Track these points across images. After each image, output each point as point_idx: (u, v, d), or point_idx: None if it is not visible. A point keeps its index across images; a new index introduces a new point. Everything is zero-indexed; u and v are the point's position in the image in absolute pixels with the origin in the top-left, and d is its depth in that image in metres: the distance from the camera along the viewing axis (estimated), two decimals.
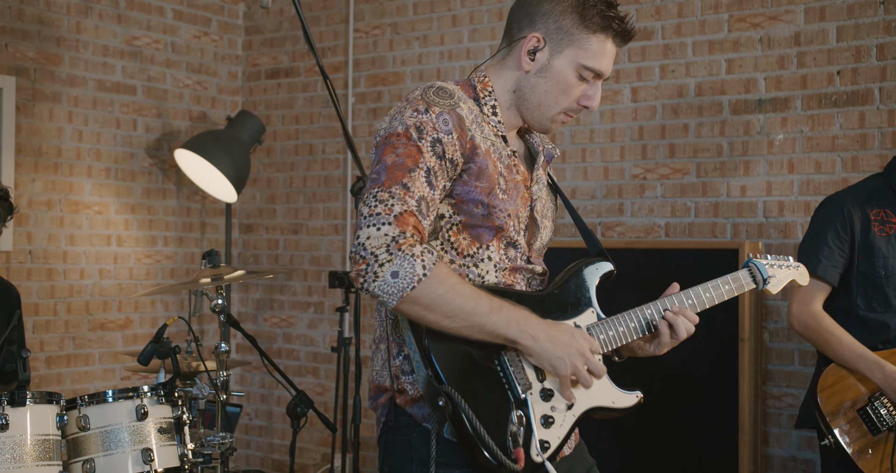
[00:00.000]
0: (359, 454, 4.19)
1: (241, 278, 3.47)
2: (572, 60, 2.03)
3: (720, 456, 3.65)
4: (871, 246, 2.85)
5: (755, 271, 2.26)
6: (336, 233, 5.09)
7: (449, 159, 1.92)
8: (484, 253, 2.00)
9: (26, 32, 4.48)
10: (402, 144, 1.89)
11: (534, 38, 2.03)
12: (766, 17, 3.90)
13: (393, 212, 1.83)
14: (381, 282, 1.79)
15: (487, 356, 1.91)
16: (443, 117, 1.92)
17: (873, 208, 2.88)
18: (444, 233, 1.97)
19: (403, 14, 4.87)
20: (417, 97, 1.95)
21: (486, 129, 2.01)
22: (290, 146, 5.27)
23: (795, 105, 3.84)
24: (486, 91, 2.07)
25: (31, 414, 2.67)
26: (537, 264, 2.10)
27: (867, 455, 2.75)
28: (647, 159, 4.16)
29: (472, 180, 1.95)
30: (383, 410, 2.02)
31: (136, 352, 3.13)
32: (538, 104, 2.07)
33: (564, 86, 2.04)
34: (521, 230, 2.05)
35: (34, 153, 4.50)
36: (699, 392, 3.70)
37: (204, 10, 5.24)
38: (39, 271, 4.53)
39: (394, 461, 1.99)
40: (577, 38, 2.02)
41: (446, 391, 1.81)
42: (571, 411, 1.97)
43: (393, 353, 1.99)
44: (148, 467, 2.78)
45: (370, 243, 1.80)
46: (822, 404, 2.79)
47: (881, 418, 2.76)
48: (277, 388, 5.20)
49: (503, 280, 2.02)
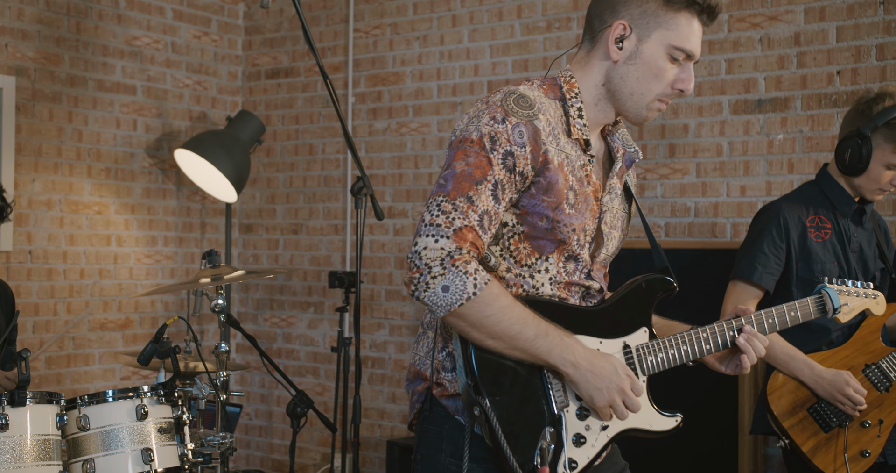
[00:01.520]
0: (359, 454, 4.18)
1: (241, 278, 3.47)
2: (662, 42, 1.97)
3: (720, 456, 3.65)
4: (809, 252, 2.91)
5: (826, 299, 2.25)
6: (336, 233, 5.09)
7: (519, 173, 1.90)
8: (542, 265, 1.98)
9: (26, 32, 4.48)
10: (475, 152, 1.88)
11: (620, 26, 1.97)
12: (766, 17, 3.90)
13: (453, 226, 1.82)
14: (431, 293, 1.81)
15: (530, 370, 1.91)
16: (518, 129, 1.89)
17: (808, 214, 2.95)
18: (506, 240, 1.96)
19: (403, 14, 4.87)
20: (497, 103, 1.92)
21: (562, 140, 1.97)
22: (290, 146, 5.27)
23: (795, 105, 3.84)
24: (572, 92, 2.02)
25: (31, 414, 2.66)
26: (596, 280, 2.07)
27: (821, 453, 2.81)
28: (646, 159, 4.16)
29: (539, 194, 1.93)
30: (419, 397, 2.04)
31: (136, 352, 3.13)
32: (631, 93, 2.01)
33: (657, 70, 1.99)
34: (585, 244, 2.02)
35: (34, 153, 4.50)
36: (699, 392, 3.70)
37: (204, 10, 5.24)
38: (39, 271, 4.53)
39: (426, 450, 2.01)
40: (663, 19, 1.97)
41: (482, 405, 1.83)
42: (605, 432, 1.97)
43: (438, 346, 1.99)
44: (148, 467, 2.78)
45: (426, 254, 1.81)
46: (772, 405, 2.83)
47: (831, 414, 2.81)
48: (277, 388, 5.20)
49: (557, 293, 2.00)
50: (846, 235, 2.95)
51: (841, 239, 2.95)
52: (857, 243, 2.97)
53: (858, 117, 2.91)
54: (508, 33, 4.53)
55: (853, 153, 2.86)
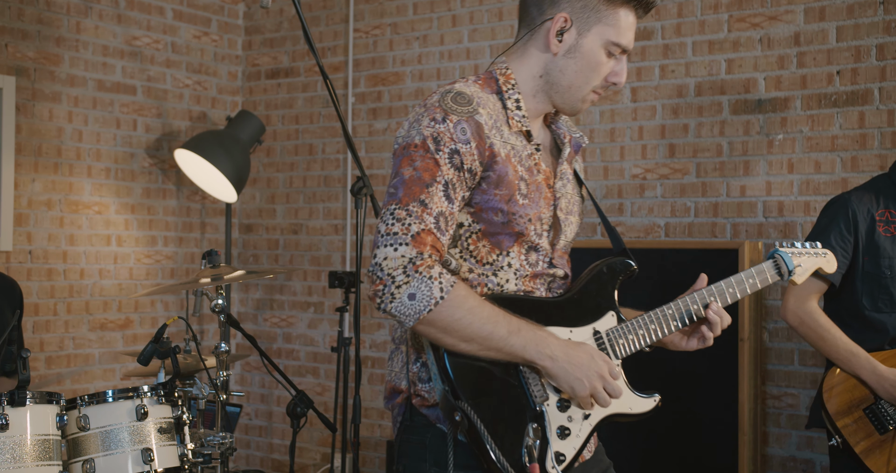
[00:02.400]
0: (359, 454, 4.18)
1: (241, 278, 3.47)
2: (601, 37, 1.99)
3: (720, 456, 3.65)
4: (877, 246, 2.85)
5: (780, 263, 2.23)
6: (336, 233, 5.09)
7: (467, 170, 1.89)
8: (504, 260, 1.97)
9: (26, 32, 4.48)
10: (420, 156, 1.86)
11: (561, 18, 1.98)
12: (765, 17, 3.90)
13: (410, 232, 1.81)
14: (398, 303, 1.79)
15: (505, 369, 1.90)
16: (461, 126, 1.88)
17: (878, 208, 2.88)
18: (464, 241, 1.95)
19: (403, 14, 4.87)
20: (435, 104, 1.91)
21: (505, 132, 1.97)
22: (290, 146, 5.27)
23: (795, 105, 3.84)
24: (509, 84, 2.03)
25: (31, 414, 2.66)
26: (559, 267, 2.07)
27: (875, 455, 2.75)
28: (647, 159, 4.16)
29: (491, 189, 1.92)
30: (399, 409, 2.02)
31: (136, 352, 3.13)
32: (569, 86, 2.02)
33: (595, 64, 2.01)
34: (542, 233, 2.02)
35: (34, 153, 4.50)
36: (699, 392, 3.70)
37: (204, 10, 5.24)
38: (39, 271, 4.53)
39: (408, 461, 1.99)
40: (603, 14, 1.99)
41: (462, 408, 1.81)
42: (588, 420, 1.96)
43: (411, 358, 1.97)
44: (148, 467, 2.78)
45: (387, 264, 1.79)
46: (827, 403, 2.78)
47: (888, 416, 2.76)
48: (277, 388, 5.20)
49: (522, 287, 1.99)
50: None
51: None
52: None
53: None
54: (508, 33, 4.53)
55: None
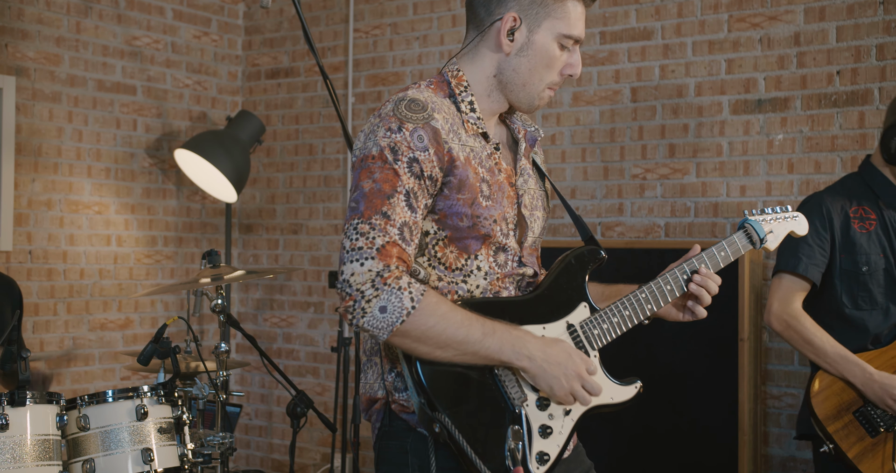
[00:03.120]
0: (359, 454, 4.19)
1: (241, 278, 3.47)
2: (551, 31, 1.98)
3: (720, 456, 3.65)
4: (853, 243, 2.84)
5: (751, 232, 2.23)
6: (336, 233, 5.09)
7: (428, 177, 1.87)
8: (472, 264, 1.96)
9: (26, 32, 4.48)
10: (378, 167, 1.84)
11: (511, 18, 1.96)
12: (765, 17, 3.90)
13: (375, 245, 1.79)
14: (370, 318, 1.78)
15: (480, 373, 1.88)
16: (417, 134, 1.86)
17: (852, 205, 2.87)
18: (431, 249, 1.93)
19: (403, 14, 4.87)
20: (389, 114, 1.89)
21: (462, 135, 1.95)
22: (290, 146, 5.27)
23: (795, 105, 3.84)
24: (461, 86, 2.01)
25: (31, 414, 2.66)
26: (529, 266, 2.05)
27: (868, 458, 2.71)
28: (647, 159, 4.16)
29: (453, 194, 1.91)
30: (378, 415, 1.99)
31: (136, 352, 3.13)
32: (523, 84, 2.01)
33: (548, 60, 1.99)
34: (509, 233, 2.00)
35: (34, 153, 4.50)
36: (699, 392, 3.70)
37: (204, 10, 5.24)
38: (39, 271, 4.53)
39: (389, 467, 1.97)
40: (551, 8, 1.97)
41: (439, 420, 1.79)
42: (570, 416, 1.95)
43: (386, 369, 1.95)
44: (148, 467, 2.78)
45: (355, 280, 1.78)
46: (816, 409, 2.74)
47: (878, 419, 2.73)
48: (277, 388, 5.20)
49: (490, 289, 1.97)
50: (892, 226, 2.86)
51: (886, 230, 2.86)
52: None
53: None
54: None
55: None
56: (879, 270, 2.82)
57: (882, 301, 2.83)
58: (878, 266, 2.82)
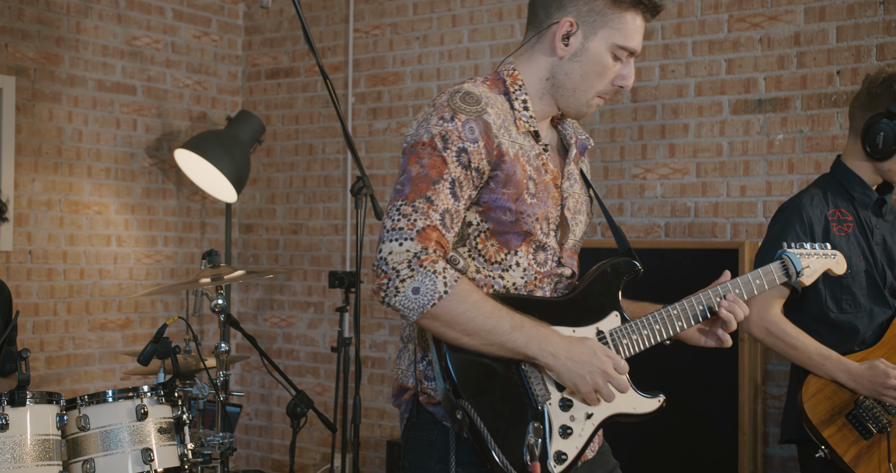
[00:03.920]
0: (359, 454, 4.19)
1: (241, 278, 3.47)
2: (607, 41, 1.99)
3: (720, 456, 3.65)
4: (833, 247, 2.78)
5: (788, 264, 2.23)
6: (336, 233, 5.09)
7: (475, 168, 1.90)
8: (512, 259, 1.98)
9: (26, 32, 4.48)
10: (427, 154, 1.88)
11: (567, 23, 1.98)
12: (766, 17, 3.90)
13: (416, 227, 1.82)
14: (402, 297, 1.80)
15: (507, 367, 1.90)
16: (469, 125, 1.89)
17: (829, 208, 2.85)
18: (472, 240, 1.96)
19: (403, 14, 4.87)
20: (444, 104, 1.92)
21: (513, 132, 1.97)
22: (290, 146, 5.27)
23: (795, 105, 3.84)
24: (516, 85, 2.03)
25: (31, 414, 2.66)
26: (567, 267, 2.07)
27: (864, 461, 2.68)
28: (647, 159, 4.16)
29: (499, 188, 1.93)
30: (406, 406, 2.03)
31: (136, 352, 3.13)
32: (574, 89, 2.03)
33: (601, 68, 2.01)
34: (550, 232, 2.02)
35: (34, 153, 4.50)
36: (699, 392, 3.70)
37: (204, 10, 5.24)
38: (39, 272, 4.53)
39: (414, 457, 2.00)
40: (609, 18, 1.98)
41: (463, 407, 1.81)
42: (591, 420, 1.96)
43: (418, 356, 1.98)
44: (148, 467, 2.78)
45: (392, 259, 1.81)
46: (809, 414, 2.70)
47: (871, 420, 2.70)
48: (277, 388, 5.20)
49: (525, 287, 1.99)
50: (868, 227, 2.84)
51: (864, 231, 2.84)
52: (880, 236, 2.85)
53: (878, 99, 2.76)
54: (508, 33, 4.53)
55: (887, 135, 2.72)
56: (861, 272, 2.81)
57: (865, 303, 2.82)
58: (859, 269, 2.80)
